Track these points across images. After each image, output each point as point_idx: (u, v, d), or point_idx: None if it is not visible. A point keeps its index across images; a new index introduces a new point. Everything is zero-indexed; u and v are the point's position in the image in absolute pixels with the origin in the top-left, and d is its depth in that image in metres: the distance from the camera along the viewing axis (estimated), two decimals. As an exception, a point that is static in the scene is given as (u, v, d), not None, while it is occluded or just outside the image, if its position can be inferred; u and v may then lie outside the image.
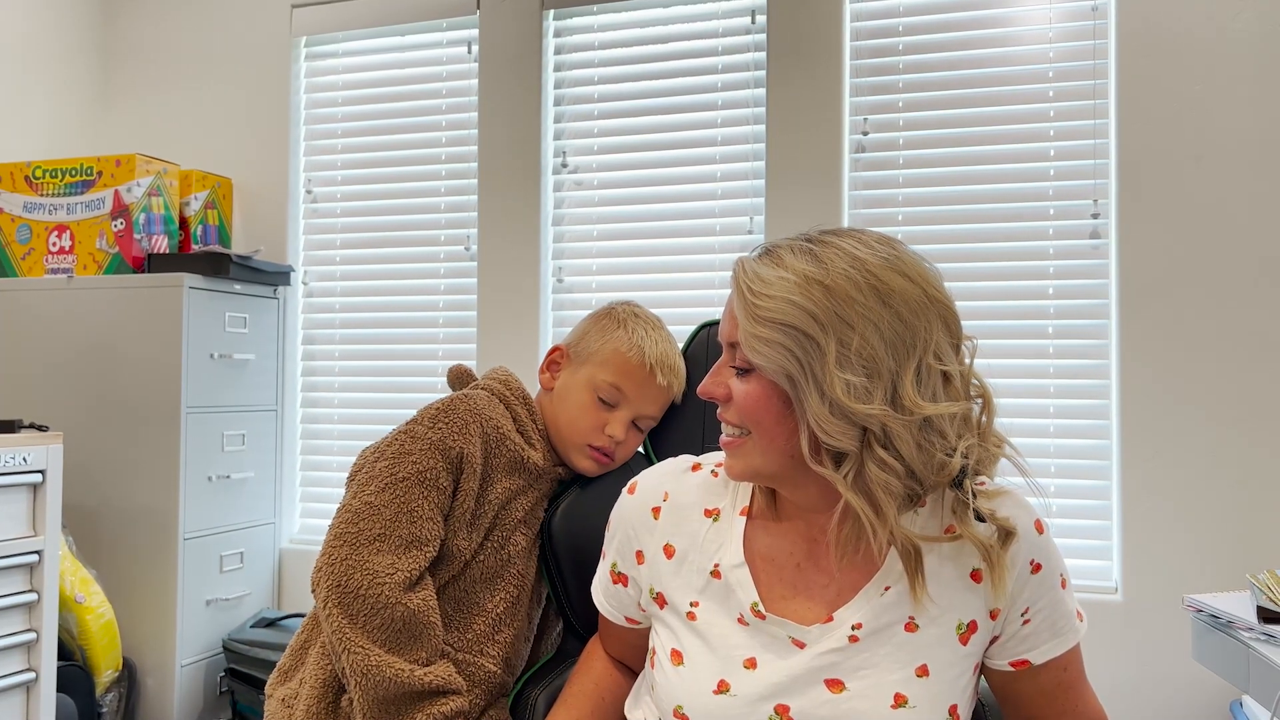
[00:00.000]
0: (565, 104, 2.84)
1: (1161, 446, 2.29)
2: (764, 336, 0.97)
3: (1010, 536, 1.00)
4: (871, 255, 0.98)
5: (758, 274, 1.00)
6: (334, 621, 1.22)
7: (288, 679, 1.35)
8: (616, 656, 1.28)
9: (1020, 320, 2.43)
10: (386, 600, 1.21)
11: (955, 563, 1.03)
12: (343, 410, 3.03)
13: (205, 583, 2.72)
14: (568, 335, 1.47)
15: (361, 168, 3.04)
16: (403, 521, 1.26)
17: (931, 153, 2.51)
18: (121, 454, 2.66)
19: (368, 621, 1.21)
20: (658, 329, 1.42)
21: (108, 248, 2.74)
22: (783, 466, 1.02)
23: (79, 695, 2.37)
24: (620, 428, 1.38)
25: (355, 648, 1.20)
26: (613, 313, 1.43)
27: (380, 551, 1.23)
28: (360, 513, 1.26)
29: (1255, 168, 2.26)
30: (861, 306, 0.95)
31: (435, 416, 1.33)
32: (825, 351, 0.94)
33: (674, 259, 2.72)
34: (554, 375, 1.45)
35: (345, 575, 1.22)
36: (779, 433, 1.00)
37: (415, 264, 2.97)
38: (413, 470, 1.29)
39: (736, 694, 1.03)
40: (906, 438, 0.95)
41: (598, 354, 1.40)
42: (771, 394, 1.00)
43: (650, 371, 1.38)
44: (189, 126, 3.16)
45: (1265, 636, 1.37)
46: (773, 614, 1.05)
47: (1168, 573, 2.27)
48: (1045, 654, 1.05)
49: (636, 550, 1.16)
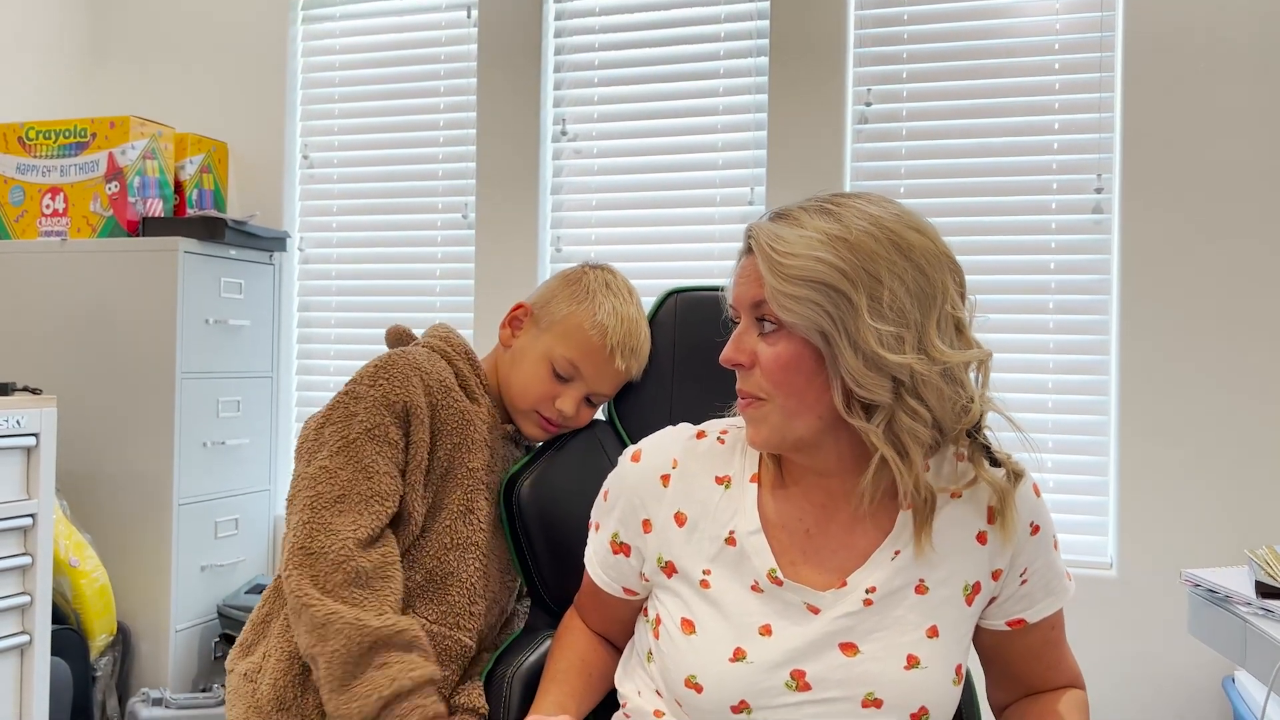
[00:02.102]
0: (565, 70, 2.81)
1: (1160, 423, 2.29)
2: (795, 294, 0.98)
3: (1019, 478, 1.04)
4: (884, 212, 1.00)
5: (778, 234, 1.00)
6: (293, 582, 1.19)
7: (249, 652, 1.32)
8: (600, 631, 1.26)
9: (1021, 295, 2.42)
10: (347, 555, 1.19)
11: (962, 525, 1.05)
12: (338, 378, 3.01)
13: (200, 548, 2.71)
14: (535, 291, 1.44)
15: (359, 133, 3.01)
16: (360, 480, 1.23)
17: (935, 124, 2.48)
18: (116, 419, 2.65)
19: (328, 579, 1.18)
20: (627, 303, 1.38)
21: (102, 210, 2.72)
22: (808, 428, 1.02)
23: (73, 659, 2.37)
24: (571, 404, 1.36)
25: (313, 601, 1.17)
26: (584, 279, 1.39)
27: (342, 513, 1.21)
28: (316, 478, 1.24)
29: (1260, 144, 2.24)
30: (885, 260, 0.97)
31: (374, 374, 1.30)
32: (857, 305, 0.96)
33: (674, 229, 2.70)
34: (514, 333, 1.42)
35: (308, 538, 1.20)
36: (809, 391, 1.01)
37: (412, 231, 2.95)
38: (361, 429, 1.26)
39: (753, 661, 1.03)
40: (935, 385, 0.97)
41: (560, 324, 1.37)
42: (803, 352, 1.00)
43: (610, 353, 1.35)
44: (184, 89, 3.12)
45: (1263, 611, 1.37)
46: (790, 580, 1.05)
47: (1164, 548, 2.27)
48: (1039, 613, 1.09)
49: (643, 519, 1.14)
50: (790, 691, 1.02)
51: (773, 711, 1.02)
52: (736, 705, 1.03)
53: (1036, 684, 1.14)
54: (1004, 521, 1.03)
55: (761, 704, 1.02)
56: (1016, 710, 1.15)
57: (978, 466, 1.02)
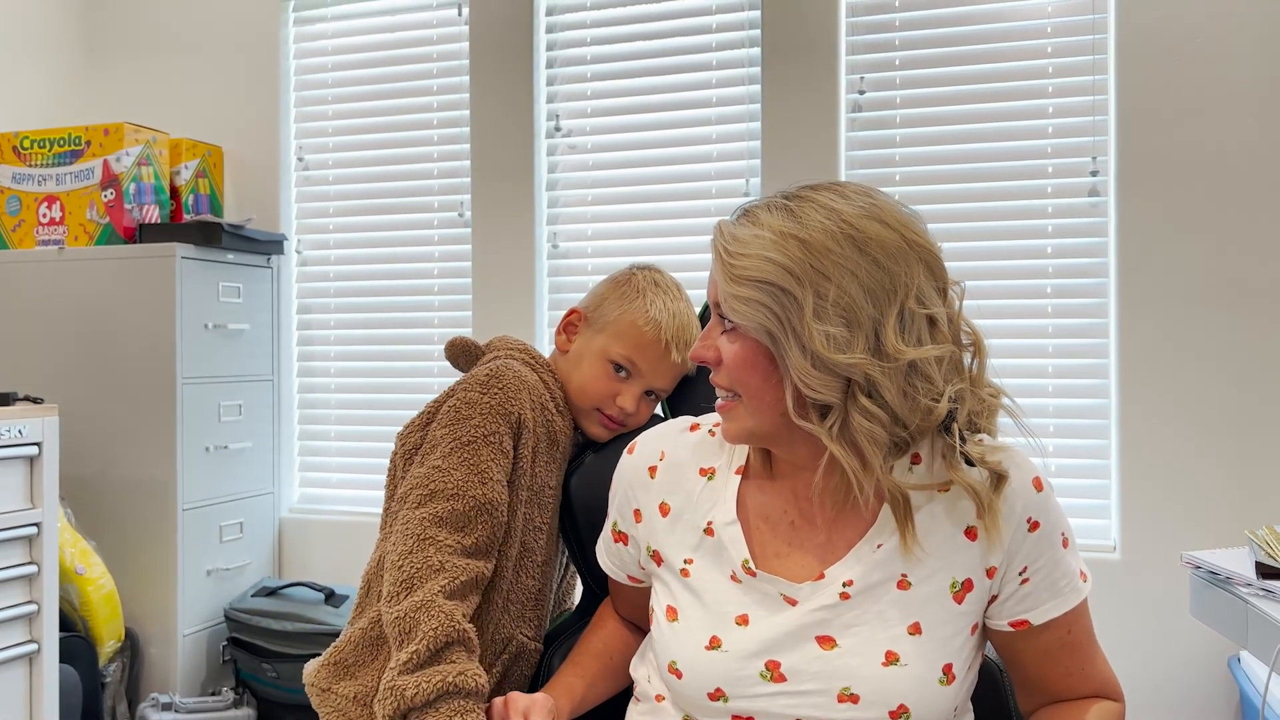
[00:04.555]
0: (558, 66, 2.80)
1: (1160, 404, 2.29)
2: (742, 295, 0.98)
3: (1002, 480, 1.00)
4: (848, 206, 0.98)
5: (734, 235, 1.01)
6: (420, 555, 1.18)
7: (350, 674, 1.27)
8: (626, 616, 1.30)
9: (1019, 280, 2.41)
10: (452, 565, 1.18)
11: (949, 520, 1.03)
12: (339, 379, 3.02)
13: (205, 553, 2.72)
14: (585, 298, 1.45)
15: (353, 134, 3.00)
16: (474, 483, 1.23)
17: (929, 111, 2.48)
18: (118, 426, 2.66)
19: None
20: (677, 299, 1.40)
21: (98, 218, 2.72)
22: (774, 426, 1.03)
23: (82, 665, 2.38)
24: (631, 400, 1.37)
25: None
26: (633, 279, 1.41)
27: (454, 512, 1.22)
28: (430, 476, 1.23)
29: (1256, 124, 2.23)
30: (838, 256, 0.96)
31: (487, 383, 1.30)
32: (802, 305, 0.95)
33: (670, 223, 2.70)
34: (570, 338, 1.43)
35: (421, 532, 1.20)
36: (766, 391, 1.01)
37: (409, 231, 2.94)
38: (478, 434, 1.26)
39: (728, 650, 1.04)
40: (890, 385, 0.95)
41: (614, 324, 1.38)
42: (756, 353, 1.00)
43: (665, 348, 1.36)
44: (177, 94, 3.12)
45: (1264, 592, 1.37)
46: (764, 571, 1.05)
47: (1166, 531, 2.27)
48: (1045, 614, 1.04)
49: (634, 509, 1.17)
50: (765, 682, 1.02)
51: (749, 701, 1.02)
52: (713, 693, 1.03)
53: (1058, 691, 1.09)
54: (985, 527, 1.00)
55: (737, 693, 1.02)
56: (1036, 717, 1.11)
57: (951, 468, 0.99)
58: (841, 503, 1.03)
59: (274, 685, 2.61)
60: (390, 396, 2.94)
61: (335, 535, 2.93)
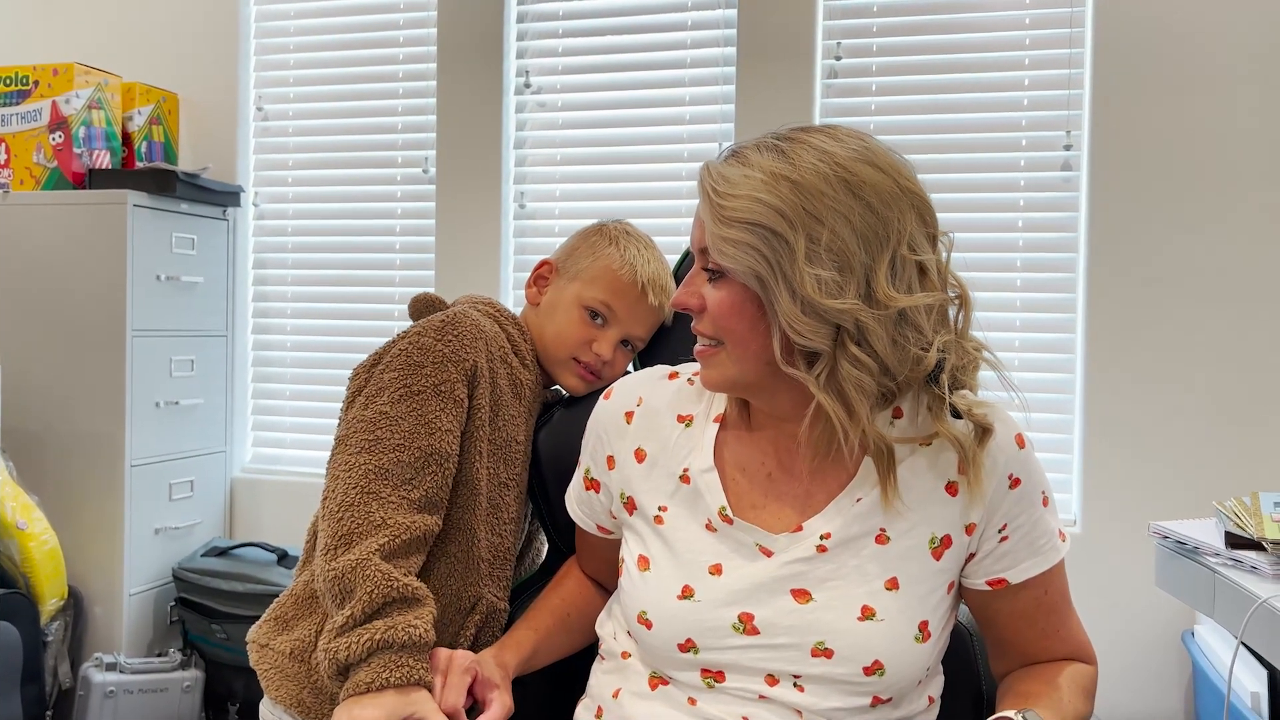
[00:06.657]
0: (529, 21, 2.74)
1: (1125, 379, 2.30)
2: (731, 238, 0.94)
3: (987, 433, 0.98)
4: (841, 148, 0.96)
5: (723, 175, 0.97)
6: (349, 516, 1.11)
7: (288, 628, 1.23)
8: (591, 574, 1.27)
9: (989, 254, 2.41)
10: (394, 521, 1.12)
11: (930, 475, 1.01)
12: (295, 337, 2.94)
13: (154, 511, 2.64)
14: (556, 250, 1.42)
15: (315, 84, 2.92)
16: (421, 434, 1.17)
17: (904, 79, 2.45)
18: (64, 378, 2.57)
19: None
20: (650, 248, 1.37)
21: (46, 162, 2.61)
22: (758, 374, 1.00)
23: (23, 623, 2.31)
24: (608, 346, 1.34)
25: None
26: (604, 230, 1.38)
27: (400, 464, 1.15)
28: (375, 422, 1.17)
29: (1230, 101, 2.24)
30: (831, 199, 0.93)
31: (442, 329, 1.23)
32: (794, 248, 0.92)
33: (641, 185, 2.65)
34: (541, 290, 1.39)
35: (365, 481, 1.13)
36: (752, 338, 0.98)
37: (371, 186, 2.87)
38: (429, 383, 1.19)
39: (700, 599, 1.01)
40: (880, 333, 0.93)
41: (588, 270, 1.34)
42: (743, 298, 0.97)
43: (642, 290, 1.33)
44: (132, 37, 3.00)
45: (1232, 561, 1.38)
46: (741, 520, 1.03)
47: (1127, 505, 2.29)
48: (1023, 573, 1.03)
49: (608, 455, 1.14)
50: (738, 634, 1.00)
51: (720, 653, 1.00)
52: (683, 644, 1.01)
53: (1033, 653, 1.08)
54: (969, 481, 0.98)
55: (708, 644, 1.00)
56: (1010, 677, 1.09)
57: (938, 420, 0.97)
58: (823, 455, 1.00)
59: (223, 647, 2.55)
60: (347, 356, 2.86)
61: (289, 496, 2.86)
